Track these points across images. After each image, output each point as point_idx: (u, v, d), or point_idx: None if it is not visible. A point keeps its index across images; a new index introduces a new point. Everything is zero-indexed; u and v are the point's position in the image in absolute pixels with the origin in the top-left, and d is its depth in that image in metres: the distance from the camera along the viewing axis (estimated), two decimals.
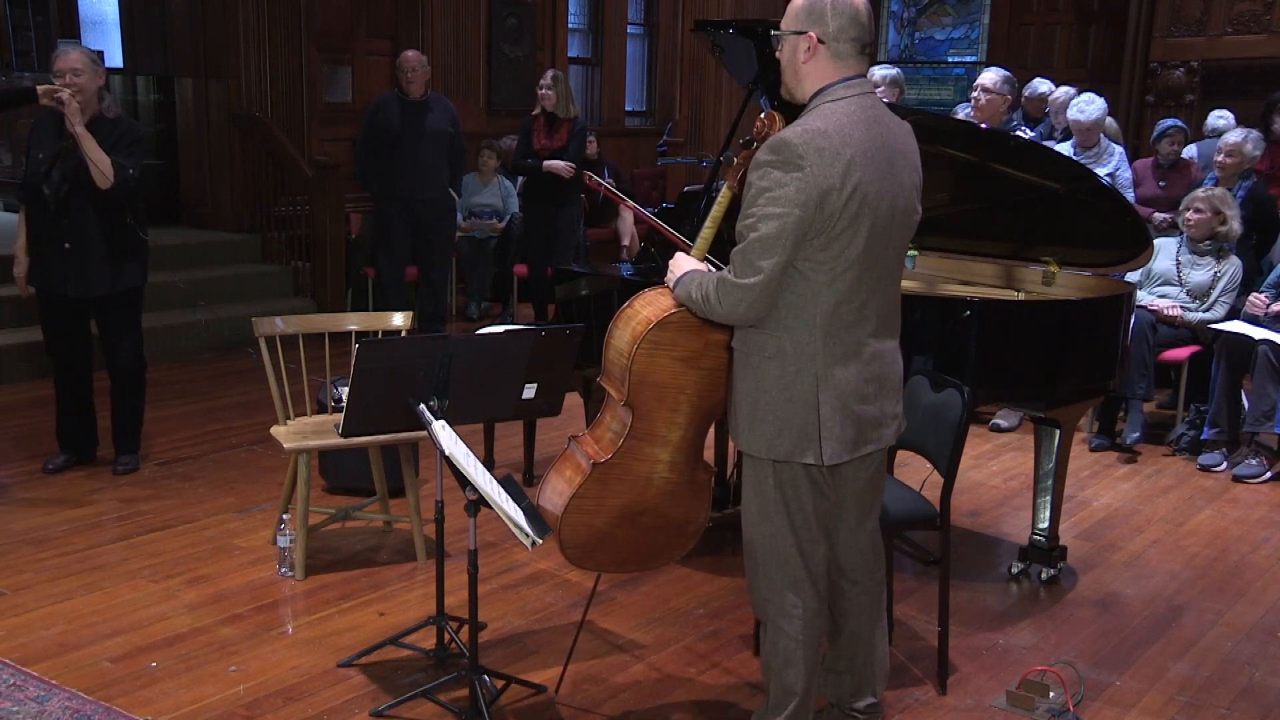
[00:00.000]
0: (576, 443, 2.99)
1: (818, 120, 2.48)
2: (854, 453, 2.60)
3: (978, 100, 5.96)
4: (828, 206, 2.43)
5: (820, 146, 2.43)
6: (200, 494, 4.78)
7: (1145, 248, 4.12)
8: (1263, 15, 9.31)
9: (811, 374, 2.53)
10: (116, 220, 4.72)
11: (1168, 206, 6.68)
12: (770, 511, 2.65)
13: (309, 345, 4.08)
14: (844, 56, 2.54)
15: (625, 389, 2.80)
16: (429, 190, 7.07)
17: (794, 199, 2.42)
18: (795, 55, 2.57)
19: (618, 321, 2.85)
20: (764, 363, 2.57)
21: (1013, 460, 5.60)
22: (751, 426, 2.60)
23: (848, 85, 2.54)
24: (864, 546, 2.83)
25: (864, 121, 2.50)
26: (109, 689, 3.19)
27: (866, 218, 2.47)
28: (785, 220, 2.43)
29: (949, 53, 12.36)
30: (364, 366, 3.09)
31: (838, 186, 2.42)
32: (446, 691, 3.17)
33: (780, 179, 2.43)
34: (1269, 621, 3.91)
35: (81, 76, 4.55)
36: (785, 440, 2.56)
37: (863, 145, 2.47)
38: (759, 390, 2.58)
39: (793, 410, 2.54)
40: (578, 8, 10.64)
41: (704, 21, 4.35)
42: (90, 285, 4.72)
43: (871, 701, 2.94)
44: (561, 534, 2.89)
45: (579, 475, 2.89)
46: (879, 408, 2.63)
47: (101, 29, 9.64)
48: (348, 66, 8.82)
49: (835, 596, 2.87)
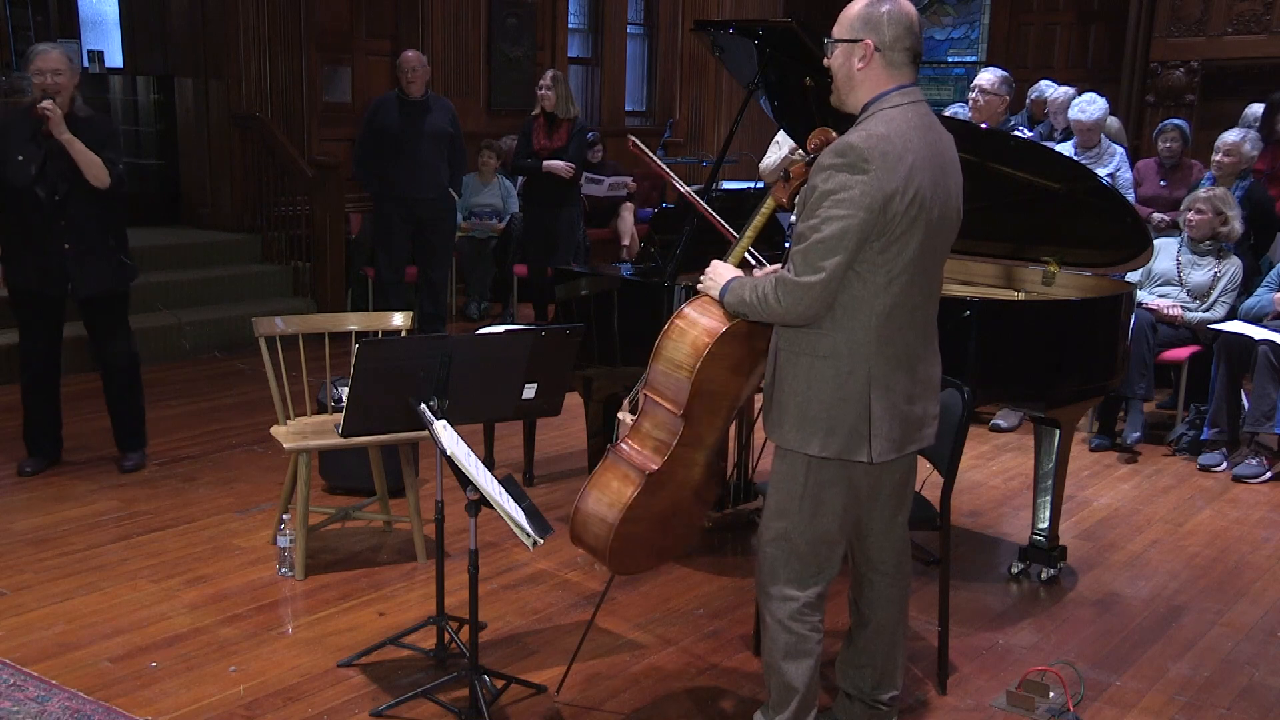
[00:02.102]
0: (618, 453, 2.94)
1: (880, 126, 2.51)
2: (900, 451, 2.65)
3: (976, 101, 5.96)
4: (890, 210, 2.47)
5: (885, 151, 2.46)
6: (200, 494, 4.78)
7: (1145, 248, 4.12)
8: (1263, 15, 9.32)
9: (864, 374, 2.57)
10: (112, 218, 4.74)
11: (1168, 206, 6.68)
12: (791, 508, 2.68)
13: (309, 345, 4.08)
14: (898, 65, 2.57)
15: (684, 400, 2.80)
16: (429, 190, 7.07)
17: (859, 201, 2.45)
18: (850, 62, 2.59)
19: (670, 335, 2.81)
20: (817, 362, 2.60)
21: (1013, 460, 5.60)
22: (801, 425, 2.62)
23: (903, 93, 2.57)
24: (896, 540, 2.88)
25: (921, 128, 2.55)
26: (109, 689, 3.19)
27: (922, 222, 2.52)
28: (849, 222, 2.46)
29: (949, 53, 12.36)
30: (364, 366, 3.09)
31: (900, 190, 2.46)
32: (446, 691, 3.17)
33: (846, 181, 2.46)
34: (1269, 621, 3.91)
35: (61, 76, 4.55)
36: (837, 439, 2.60)
37: (921, 152, 2.51)
38: (810, 389, 2.61)
39: (845, 409, 2.58)
40: (578, 8, 10.64)
41: (704, 21, 4.34)
42: (92, 284, 4.72)
43: (894, 694, 2.97)
44: (613, 545, 2.88)
45: (629, 486, 2.87)
46: (923, 408, 2.70)
47: (101, 29, 9.64)
48: (348, 66, 8.82)
49: (862, 588, 2.92)
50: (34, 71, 4.53)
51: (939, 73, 12.36)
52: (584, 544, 2.97)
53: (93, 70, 9.16)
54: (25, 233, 4.64)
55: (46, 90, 4.51)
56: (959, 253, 4.62)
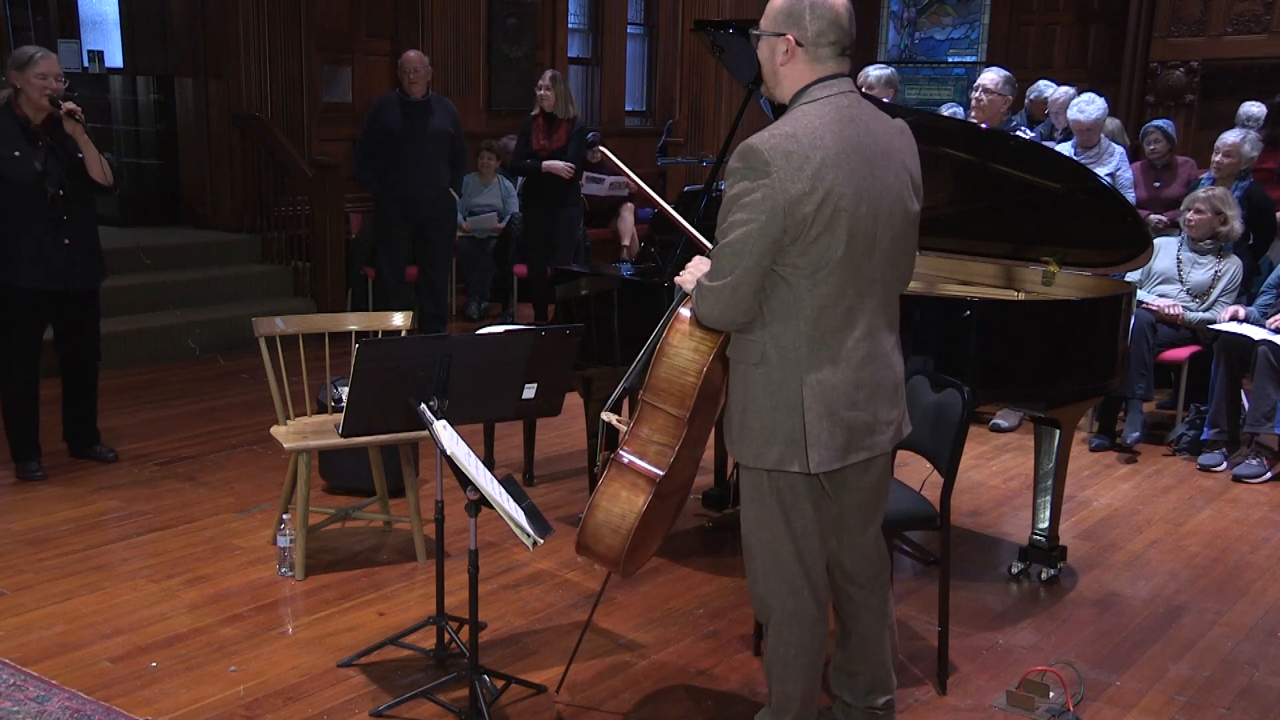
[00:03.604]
0: (621, 463, 2.89)
1: (787, 124, 2.45)
2: (844, 460, 2.55)
3: (979, 101, 5.96)
4: (798, 212, 2.39)
5: (788, 151, 2.39)
6: (200, 494, 4.78)
7: (1145, 248, 4.12)
8: (1263, 15, 9.31)
9: (797, 380, 2.49)
10: (95, 214, 4.96)
11: (1164, 206, 6.68)
12: (767, 519, 2.62)
13: (309, 345, 4.08)
14: (822, 60, 2.50)
15: (690, 403, 2.76)
16: (429, 190, 7.07)
17: (760, 205, 2.39)
18: (773, 57, 2.54)
19: (671, 339, 2.76)
20: (750, 370, 2.54)
21: (1013, 460, 5.60)
22: (742, 435, 2.57)
23: (824, 85, 2.50)
24: (868, 551, 2.81)
25: (837, 122, 2.46)
26: (109, 689, 3.19)
27: (844, 220, 2.42)
28: (751, 226, 2.40)
29: (949, 53, 12.36)
30: (364, 366, 3.09)
31: (807, 191, 2.38)
32: (446, 691, 3.17)
33: (748, 186, 2.41)
34: (1269, 621, 3.91)
35: (62, 81, 4.71)
36: (773, 449, 2.52)
37: (834, 147, 2.42)
38: (747, 398, 2.55)
39: (779, 418, 2.50)
40: (578, 8, 10.63)
41: (704, 21, 4.35)
42: (89, 278, 4.88)
43: (888, 699, 2.94)
44: (627, 554, 2.87)
45: (640, 494, 2.84)
46: (871, 413, 2.57)
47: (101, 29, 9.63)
48: (348, 66, 8.81)
49: (842, 601, 2.87)
50: (38, 75, 4.61)
51: (939, 73, 12.36)
52: (594, 555, 2.92)
53: (93, 70, 9.15)
54: (23, 229, 4.67)
55: (55, 94, 4.64)
56: (959, 253, 4.64)
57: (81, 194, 4.77)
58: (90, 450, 5.11)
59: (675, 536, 4.36)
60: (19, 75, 4.61)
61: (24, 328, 4.82)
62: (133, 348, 6.73)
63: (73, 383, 5.06)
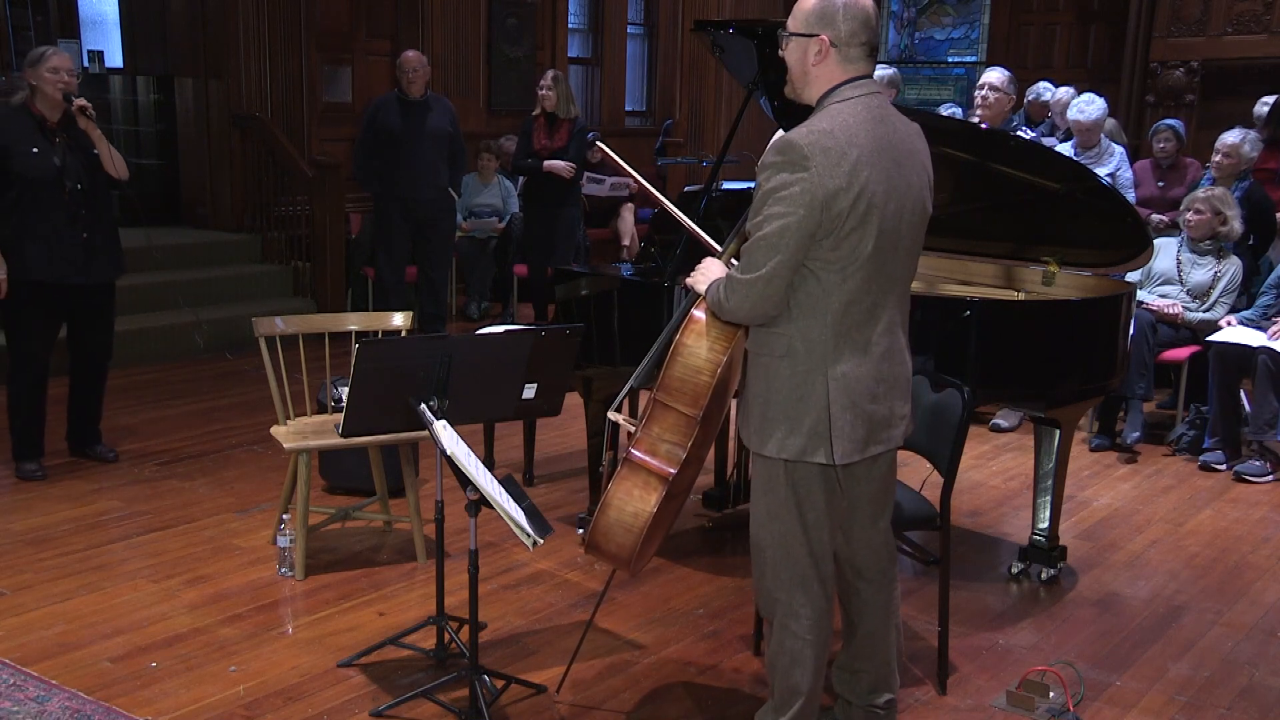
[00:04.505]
0: (634, 461, 2.89)
1: (824, 121, 2.49)
2: (864, 452, 2.60)
3: (985, 99, 5.95)
4: (834, 207, 2.43)
5: (826, 147, 2.43)
6: (200, 494, 4.78)
7: (1145, 248, 4.12)
8: (1263, 15, 9.31)
9: (822, 373, 2.53)
10: (113, 209, 5.00)
11: (1167, 206, 6.68)
12: (781, 511, 2.64)
13: (309, 345, 4.08)
14: (853, 60, 2.54)
15: (703, 403, 2.77)
16: (429, 190, 7.07)
17: (799, 199, 2.42)
18: (805, 57, 2.56)
19: (686, 339, 2.77)
20: (775, 362, 2.57)
21: (1013, 460, 5.60)
22: (763, 427, 2.60)
23: (855, 85, 2.54)
24: (878, 546, 2.84)
25: (870, 121, 2.50)
26: (109, 689, 3.19)
27: (875, 217, 2.47)
28: (789, 220, 2.43)
29: (949, 53, 12.36)
30: (364, 366, 3.09)
31: (844, 187, 2.42)
32: (446, 691, 3.17)
33: (786, 179, 2.44)
34: (1269, 621, 3.91)
35: (72, 76, 4.75)
36: (796, 440, 2.56)
37: (869, 145, 2.47)
38: (770, 390, 2.58)
39: (804, 409, 2.54)
40: (578, 8, 10.63)
41: (704, 21, 4.34)
42: (107, 271, 4.93)
43: (890, 698, 2.95)
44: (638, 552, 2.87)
45: (653, 493, 2.84)
46: (889, 407, 2.63)
47: (101, 29, 9.63)
48: (348, 66, 8.81)
49: (849, 596, 2.89)
50: (50, 70, 4.66)
51: (939, 73, 12.36)
52: (604, 553, 2.92)
53: (93, 70, 9.15)
54: (43, 224, 4.69)
55: (68, 89, 4.69)
56: (959, 253, 4.64)
57: (99, 189, 4.85)
58: (91, 450, 5.11)
59: (675, 536, 4.36)
60: (33, 72, 4.68)
61: (40, 324, 4.84)
62: (133, 348, 6.73)
63: (81, 382, 5.06)
